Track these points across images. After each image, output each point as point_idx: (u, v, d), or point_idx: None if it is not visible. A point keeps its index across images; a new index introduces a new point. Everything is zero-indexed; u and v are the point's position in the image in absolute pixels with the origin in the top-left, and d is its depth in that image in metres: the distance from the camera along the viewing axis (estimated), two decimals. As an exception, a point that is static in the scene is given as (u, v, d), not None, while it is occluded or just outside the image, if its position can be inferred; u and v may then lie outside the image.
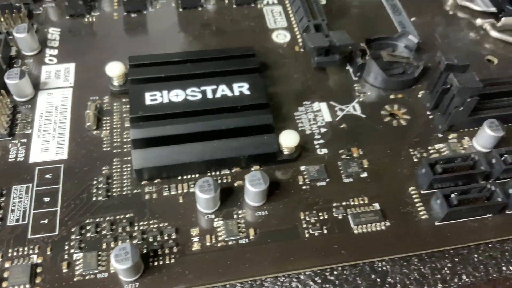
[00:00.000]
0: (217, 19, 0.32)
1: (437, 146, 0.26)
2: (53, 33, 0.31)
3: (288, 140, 0.24)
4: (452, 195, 0.22)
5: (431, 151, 0.26)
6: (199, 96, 0.25)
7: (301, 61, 0.30)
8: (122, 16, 0.32)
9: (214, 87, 0.25)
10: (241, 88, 0.25)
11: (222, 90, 0.25)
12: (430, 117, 0.27)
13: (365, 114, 0.27)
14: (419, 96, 0.28)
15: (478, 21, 0.32)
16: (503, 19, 0.32)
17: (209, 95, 0.25)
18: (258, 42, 0.31)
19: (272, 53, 0.30)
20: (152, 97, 0.24)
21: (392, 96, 0.28)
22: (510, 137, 0.26)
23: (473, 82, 0.24)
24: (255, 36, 0.31)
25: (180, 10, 0.33)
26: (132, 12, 0.32)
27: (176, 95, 0.24)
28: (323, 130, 0.26)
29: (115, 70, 0.26)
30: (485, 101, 0.27)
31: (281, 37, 0.31)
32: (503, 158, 0.24)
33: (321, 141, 0.26)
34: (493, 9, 0.32)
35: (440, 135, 0.26)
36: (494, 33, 0.32)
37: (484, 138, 0.25)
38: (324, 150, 0.26)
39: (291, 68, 0.29)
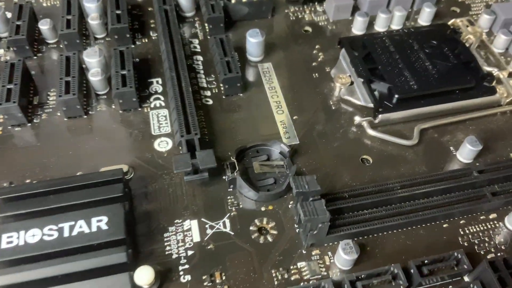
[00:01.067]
0: (101, 127, 0.33)
1: (299, 264, 0.26)
2: None
3: (142, 279, 0.24)
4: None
5: (292, 271, 0.26)
6: (56, 235, 0.25)
7: (178, 173, 0.30)
8: (6, 129, 0.32)
9: (72, 223, 0.25)
10: (100, 222, 0.25)
11: (80, 226, 0.25)
12: (297, 230, 0.28)
13: (234, 231, 0.28)
14: (290, 206, 0.29)
15: (356, 119, 0.33)
16: (380, 116, 0.33)
17: (66, 233, 0.25)
18: (139, 152, 0.31)
19: (152, 163, 0.31)
20: (9, 239, 0.24)
21: (263, 208, 0.29)
22: (373, 250, 0.27)
23: (320, 211, 0.25)
24: (137, 146, 0.32)
25: (65, 119, 0.33)
26: (16, 126, 0.32)
27: (33, 235, 0.25)
28: (190, 252, 0.27)
29: (-21, 205, 0.27)
30: (346, 215, 0.27)
31: (163, 144, 0.32)
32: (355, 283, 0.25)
33: (186, 266, 0.26)
34: (371, 105, 0.33)
35: (304, 251, 0.27)
36: (370, 131, 0.32)
37: (341, 259, 0.26)
38: (188, 277, 0.26)
39: (167, 182, 0.30)
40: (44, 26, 0.37)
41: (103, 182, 0.27)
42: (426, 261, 0.25)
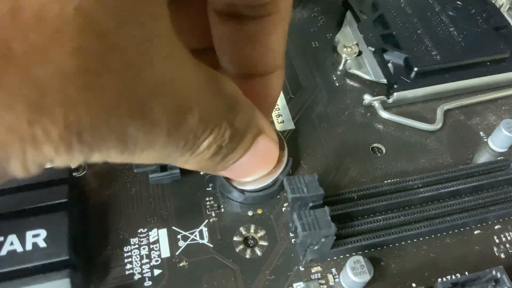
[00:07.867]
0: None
1: (296, 285, 0.22)
2: None
3: (92, 311, 0.20)
4: None
5: (287, 295, 0.22)
6: (-22, 255, 0.20)
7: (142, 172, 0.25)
8: None
9: (1, 239, 0.20)
10: (36, 237, 0.20)
11: (11, 243, 0.20)
12: (293, 241, 0.23)
13: (213, 242, 0.23)
14: (283, 210, 0.24)
15: (366, 98, 0.28)
16: (395, 94, 0.28)
17: (-8, 252, 0.20)
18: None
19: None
20: None
21: (250, 213, 0.24)
22: (388, 265, 0.23)
23: (324, 222, 0.20)
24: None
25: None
26: None
27: None
28: (156, 272, 0.22)
29: None
30: (354, 222, 0.23)
31: (125, 132, 0.27)
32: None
33: (152, 290, 0.22)
34: (384, 81, 0.28)
35: (301, 268, 0.23)
36: (383, 114, 0.28)
37: (349, 280, 0.21)
38: (154, 304, 0.21)
39: (129, 180, 0.25)
40: None
41: (42, 183, 0.22)
42: (456, 282, 0.21)
